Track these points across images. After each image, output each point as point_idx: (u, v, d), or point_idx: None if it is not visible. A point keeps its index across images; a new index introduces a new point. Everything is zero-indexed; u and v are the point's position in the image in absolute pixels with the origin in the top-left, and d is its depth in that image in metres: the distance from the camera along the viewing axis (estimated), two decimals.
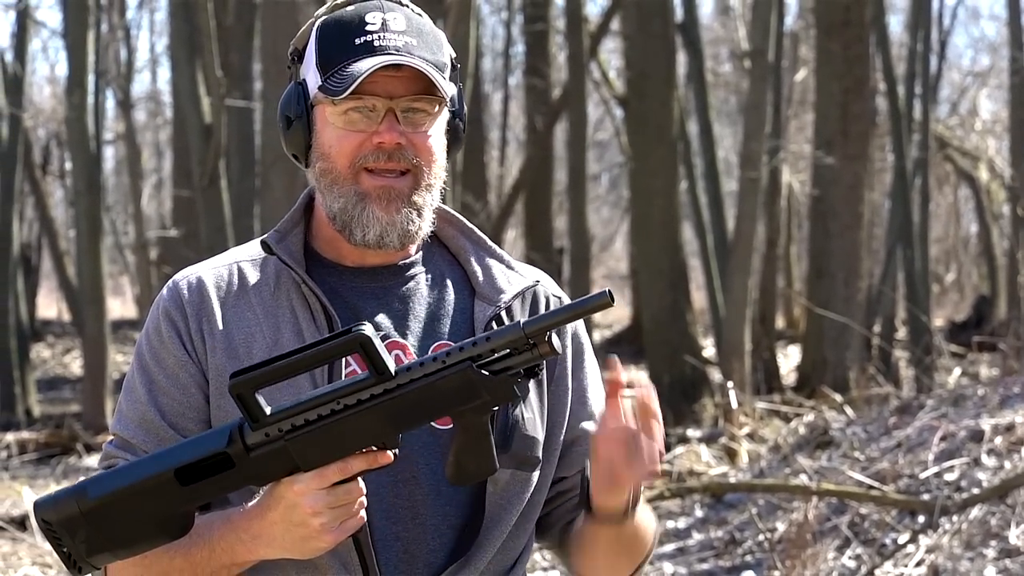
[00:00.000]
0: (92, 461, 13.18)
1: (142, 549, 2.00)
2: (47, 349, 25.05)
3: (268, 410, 1.95)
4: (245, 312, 2.16)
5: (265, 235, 2.19)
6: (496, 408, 1.99)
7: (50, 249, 23.04)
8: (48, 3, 35.31)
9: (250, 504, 2.02)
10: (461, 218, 2.28)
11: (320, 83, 2.12)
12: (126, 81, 19.53)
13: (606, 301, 1.91)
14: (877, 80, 18.27)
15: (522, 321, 1.94)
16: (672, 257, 16.08)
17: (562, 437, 2.21)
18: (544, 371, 2.09)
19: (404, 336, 2.16)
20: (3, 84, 17.93)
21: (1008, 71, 21.79)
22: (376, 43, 2.10)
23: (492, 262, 2.24)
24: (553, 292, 2.26)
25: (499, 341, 1.94)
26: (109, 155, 30.14)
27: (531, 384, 2.16)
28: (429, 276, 2.22)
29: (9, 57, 18.90)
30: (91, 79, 15.87)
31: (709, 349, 18.67)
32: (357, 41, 2.11)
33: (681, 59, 17.79)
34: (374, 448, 1.96)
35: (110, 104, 24.24)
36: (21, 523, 9.09)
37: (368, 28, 2.11)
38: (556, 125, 21.43)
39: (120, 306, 29.75)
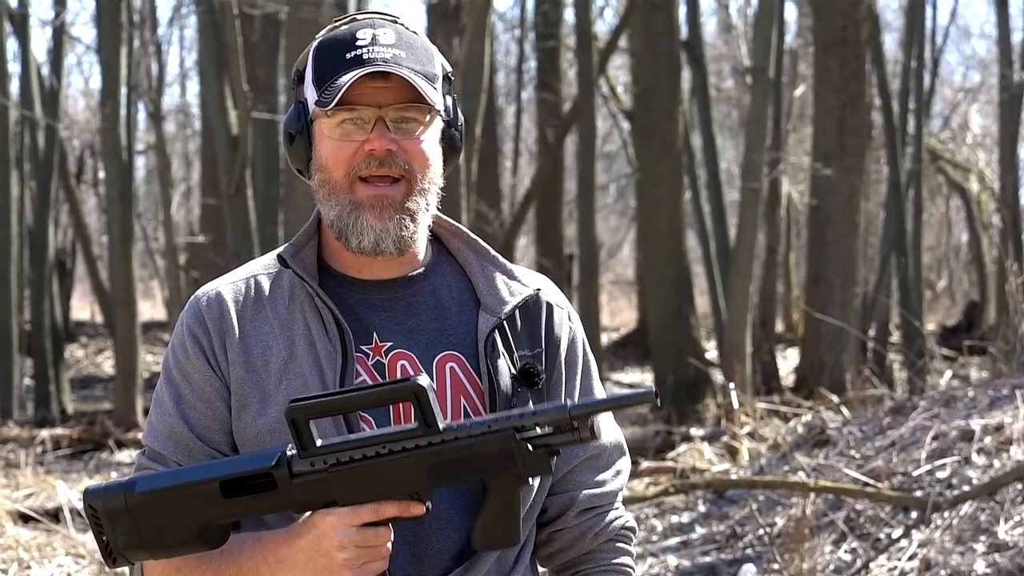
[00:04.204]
0: (123, 456, 13.34)
1: (176, 553, 2.04)
2: (80, 349, 24.96)
3: (319, 442, 1.98)
4: (262, 326, 2.18)
5: (281, 248, 2.22)
6: (530, 480, 2.01)
7: (84, 254, 22.88)
8: (83, 20, 35.16)
9: (283, 529, 2.05)
10: (466, 230, 2.30)
11: (316, 98, 2.15)
12: (157, 94, 19.31)
13: (651, 398, 1.93)
14: (873, 95, 18.53)
15: (569, 404, 1.96)
16: (677, 263, 16.24)
17: None
18: (543, 377, 2.20)
19: (410, 348, 2.18)
20: (40, 96, 18.05)
21: (998, 87, 21.92)
22: (365, 56, 2.13)
23: (495, 273, 2.25)
24: (555, 300, 2.28)
25: (544, 418, 1.96)
26: (140, 165, 29.97)
27: (530, 392, 2.20)
28: (436, 288, 2.23)
29: (46, 71, 19.16)
30: (123, 92, 16.04)
31: (712, 352, 18.72)
32: (348, 56, 2.14)
33: (686, 75, 17.90)
34: (408, 497, 1.99)
35: (141, 116, 23.86)
36: (55, 516, 9.00)
37: (358, 43, 2.14)
38: (566, 137, 21.45)
39: (150, 308, 29.38)
